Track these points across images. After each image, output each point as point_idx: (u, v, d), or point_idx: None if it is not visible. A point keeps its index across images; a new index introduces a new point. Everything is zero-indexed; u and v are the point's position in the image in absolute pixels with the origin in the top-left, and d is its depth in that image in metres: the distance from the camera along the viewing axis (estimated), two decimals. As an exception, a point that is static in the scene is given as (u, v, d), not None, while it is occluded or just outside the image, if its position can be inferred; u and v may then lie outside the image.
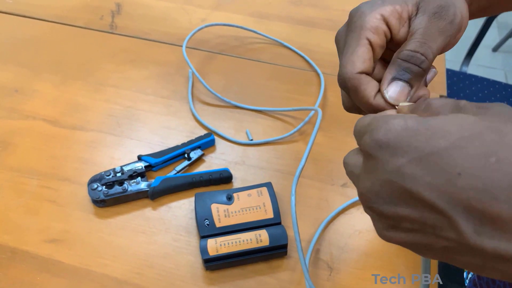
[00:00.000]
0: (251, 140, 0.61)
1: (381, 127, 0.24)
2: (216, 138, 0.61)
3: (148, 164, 0.56)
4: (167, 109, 0.65)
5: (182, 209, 0.54)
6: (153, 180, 0.55)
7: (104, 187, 0.53)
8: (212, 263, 0.47)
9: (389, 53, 0.33)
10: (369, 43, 0.31)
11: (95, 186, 0.53)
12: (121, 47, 0.74)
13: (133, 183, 0.54)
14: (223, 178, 0.56)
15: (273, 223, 0.50)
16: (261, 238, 0.48)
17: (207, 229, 0.49)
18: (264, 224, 0.50)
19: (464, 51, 1.37)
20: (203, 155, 0.59)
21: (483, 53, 2.07)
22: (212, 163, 0.59)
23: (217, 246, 0.47)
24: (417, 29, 0.31)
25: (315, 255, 0.50)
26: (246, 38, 0.77)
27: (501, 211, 0.20)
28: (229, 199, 0.51)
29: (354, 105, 0.35)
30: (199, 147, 0.59)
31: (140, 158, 0.56)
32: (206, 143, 0.59)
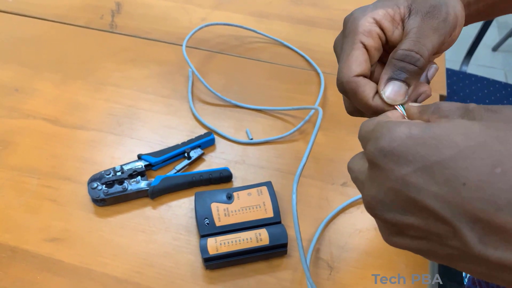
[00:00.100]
0: (251, 139, 0.61)
1: (385, 135, 0.24)
2: (216, 137, 0.61)
3: (148, 163, 0.56)
4: (167, 108, 0.65)
5: (182, 208, 0.54)
6: (153, 179, 0.55)
7: (104, 186, 0.53)
8: (212, 262, 0.47)
9: (388, 56, 0.33)
10: (364, 46, 0.32)
11: (95, 185, 0.53)
12: (122, 46, 0.74)
13: (133, 182, 0.54)
14: (223, 177, 0.56)
15: (273, 222, 0.50)
16: (261, 237, 0.48)
17: (207, 228, 0.49)
18: (264, 223, 0.50)
19: (464, 51, 1.37)
20: (203, 154, 0.59)
21: (483, 53, 2.07)
22: (212, 162, 0.59)
23: (217, 245, 0.47)
24: (410, 29, 0.31)
25: (315, 254, 0.50)
26: (246, 37, 0.77)
27: (506, 222, 0.20)
28: (229, 198, 0.51)
29: (356, 109, 0.35)
30: (199, 146, 0.59)
31: (140, 157, 0.57)
32: (206, 142, 0.59)
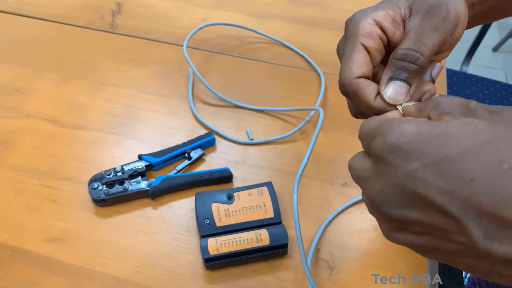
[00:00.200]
0: (252, 139, 0.61)
1: (394, 131, 0.24)
2: (216, 137, 0.61)
3: (148, 163, 0.56)
4: (167, 109, 0.65)
5: (182, 208, 0.54)
6: (153, 179, 0.55)
7: (104, 186, 0.53)
8: (212, 262, 0.47)
9: None
10: (365, 48, 0.32)
11: (96, 185, 0.53)
12: (122, 46, 0.75)
13: (133, 182, 0.54)
14: (223, 177, 0.56)
15: (274, 223, 0.50)
16: (262, 237, 0.48)
17: (207, 229, 0.49)
18: (264, 223, 0.50)
19: (464, 51, 1.37)
20: (203, 154, 0.59)
21: (483, 53, 2.07)
22: (212, 162, 0.59)
23: (218, 245, 0.47)
24: (410, 28, 0.31)
25: (316, 254, 0.50)
26: (246, 37, 0.77)
27: None
28: (230, 198, 0.51)
29: (359, 111, 0.35)
30: (199, 147, 0.59)
31: (140, 157, 0.57)
32: (206, 142, 0.59)
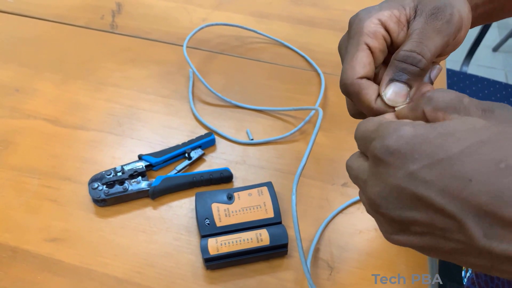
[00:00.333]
0: (252, 139, 0.61)
1: (392, 134, 0.24)
2: (216, 137, 0.61)
3: (148, 163, 0.56)
4: (167, 109, 0.65)
5: (182, 208, 0.54)
6: (153, 179, 0.55)
7: (104, 186, 0.53)
8: (212, 262, 0.47)
9: None
10: (368, 48, 0.32)
11: (96, 185, 0.53)
12: (122, 46, 0.75)
13: (133, 182, 0.54)
14: (223, 177, 0.56)
15: (274, 223, 0.50)
16: (262, 237, 0.48)
17: (207, 229, 0.49)
18: (264, 223, 0.50)
19: (464, 51, 1.37)
20: (203, 154, 0.59)
21: (483, 53, 2.07)
22: (212, 162, 0.59)
23: (218, 245, 0.47)
24: (413, 30, 0.31)
25: (316, 254, 0.50)
26: (246, 37, 0.77)
27: (511, 215, 0.21)
28: (230, 198, 0.51)
29: (358, 111, 0.35)
30: (199, 147, 0.59)
31: (140, 157, 0.57)
32: (206, 142, 0.59)
